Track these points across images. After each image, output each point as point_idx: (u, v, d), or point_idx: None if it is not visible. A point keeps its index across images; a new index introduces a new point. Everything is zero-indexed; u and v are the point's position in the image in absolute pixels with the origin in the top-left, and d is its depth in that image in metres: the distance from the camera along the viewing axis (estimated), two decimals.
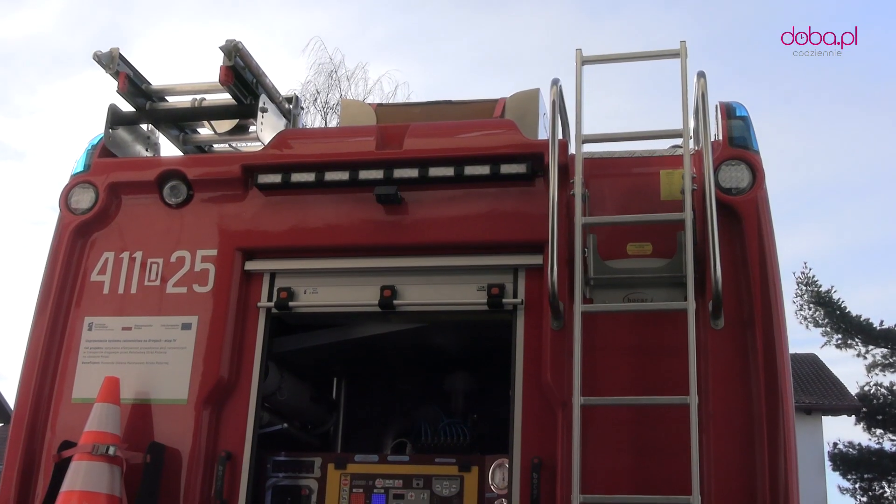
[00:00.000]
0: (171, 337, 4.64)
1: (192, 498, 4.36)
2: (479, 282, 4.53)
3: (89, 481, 4.19)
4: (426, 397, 5.69)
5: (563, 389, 4.10)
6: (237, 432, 4.46)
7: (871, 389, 30.61)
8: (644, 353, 4.19)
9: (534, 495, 4.06)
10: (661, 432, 4.05)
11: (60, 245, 4.90)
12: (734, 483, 3.93)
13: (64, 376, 4.73)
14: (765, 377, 4.02)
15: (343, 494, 4.63)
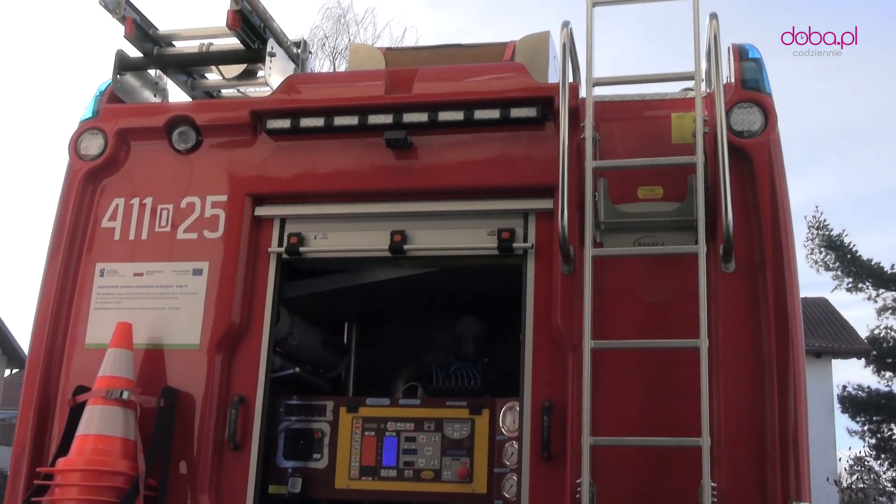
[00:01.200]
0: (182, 283, 4.66)
1: (205, 441, 4.41)
2: (489, 226, 4.52)
3: (104, 425, 4.25)
4: (437, 342, 5.72)
5: (574, 333, 4.11)
6: (249, 377, 4.50)
7: (881, 333, 30.63)
8: (654, 297, 4.19)
9: (544, 437, 4.09)
10: (671, 375, 4.07)
11: (70, 191, 4.90)
12: (743, 425, 3.95)
13: (77, 322, 4.76)
14: (775, 320, 4.02)
15: (355, 437, 4.67)
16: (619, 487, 3.97)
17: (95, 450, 4.19)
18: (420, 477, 4.56)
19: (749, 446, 3.93)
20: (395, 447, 4.61)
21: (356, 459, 4.64)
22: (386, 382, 5.58)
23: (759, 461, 3.90)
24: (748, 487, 3.88)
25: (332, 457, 4.68)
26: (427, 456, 4.58)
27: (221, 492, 4.38)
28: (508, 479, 4.42)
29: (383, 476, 4.60)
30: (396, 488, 4.58)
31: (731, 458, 3.91)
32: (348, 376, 5.97)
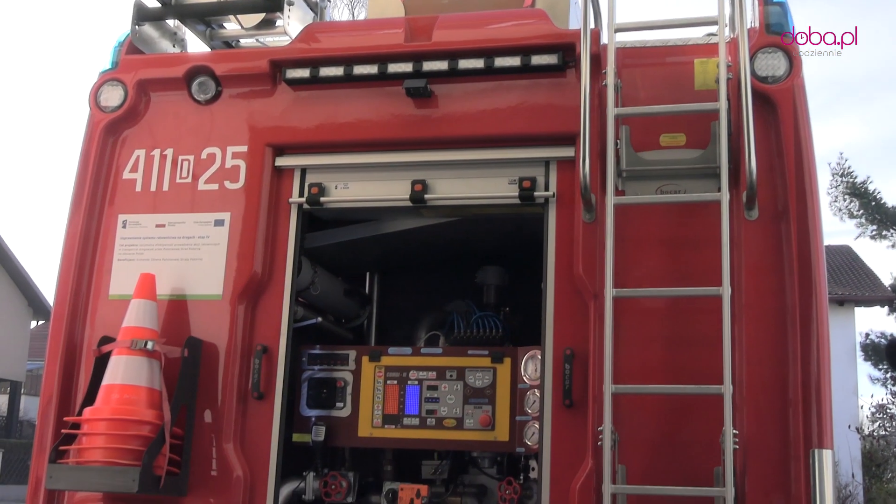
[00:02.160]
0: (204, 233, 4.67)
1: (229, 390, 4.45)
2: (510, 175, 4.50)
3: (129, 375, 4.29)
4: (458, 291, 5.73)
5: (595, 281, 4.10)
6: (272, 326, 4.52)
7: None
8: (677, 245, 4.17)
9: (566, 386, 4.11)
10: (693, 323, 4.06)
11: (91, 143, 4.91)
12: (766, 373, 3.95)
13: (100, 274, 4.79)
14: (798, 268, 4.00)
15: (378, 386, 4.71)
16: (640, 435, 3.99)
17: (121, 399, 4.24)
18: (442, 425, 4.59)
19: (771, 393, 3.93)
20: (417, 396, 4.65)
21: (379, 408, 4.69)
22: (408, 332, 5.60)
23: (782, 408, 3.90)
24: (770, 434, 3.89)
25: (354, 405, 4.72)
26: (449, 404, 4.61)
27: (246, 440, 4.43)
28: (530, 427, 4.45)
29: (406, 424, 4.64)
30: (419, 436, 4.63)
31: (753, 405, 3.91)
32: (370, 326, 6.00)
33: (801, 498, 3.77)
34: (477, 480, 4.92)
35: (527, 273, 5.34)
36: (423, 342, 5.42)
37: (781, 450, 3.86)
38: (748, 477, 3.85)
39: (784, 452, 3.86)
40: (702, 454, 3.88)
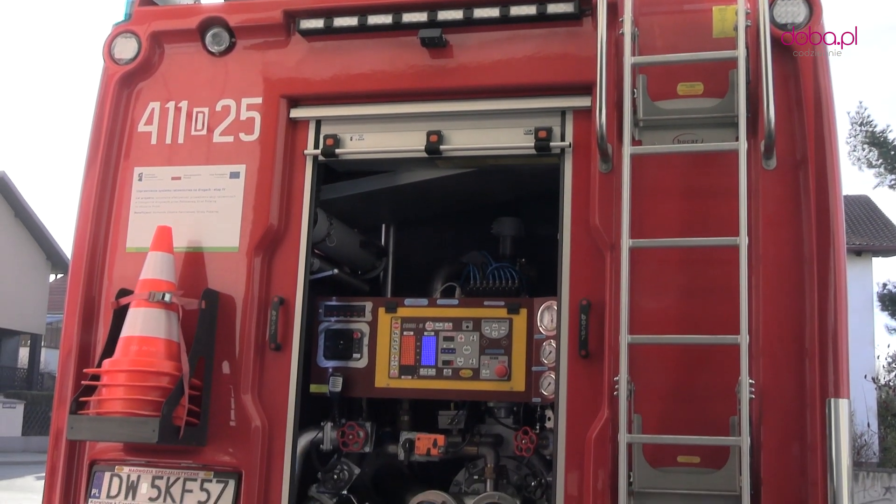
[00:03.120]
0: (219, 186, 4.68)
1: (247, 342, 4.48)
2: (526, 125, 4.47)
3: (147, 327, 4.32)
4: (474, 242, 5.73)
5: (612, 232, 4.09)
6: (289, 278, 4.54)
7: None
8: (694, 196, 4.15)
9: (582, 336, 4.11)
10: (709, 274, 4.06)
11: (106, 96, 4.90)
12: (783, 323, 3.95)
13: (117, 226, 4.81)
14: (816, 218, 3.98)
15: (394, 337, 4.73)
16: (656, 385, 4.00)
17: (140, 351, 4.27)
18: (459, 375, 4.62)
19: (788, 343, 3.93)
20: (433, 347, 4.67)
21: (395, 359, 4.71)
22: (424, 283, 5.61)
23: (798, 358, 3.90)
24: (786, 384, 3.89)
25: (371, 356, 4.75)
26: (465, 355, 4.63)
27: (264, 391, 4.46)
28: (546, 377, 4.47)
29: (422, 375, 4.67)
30: (435, 386, 4.66)
31: (770, 355, 3.91)
32: (386, 277, 6.01)
33: (816, 447, 3.79)
34: (493, 430, 4.96)
35: (543, 224, 5.33)
36: (439, 293, 5.43)
37: (797, 399, 3.87)
38: (764, 426, 3.86)
39: (800, 402, 3.87)
40: (718, 404, 3.89)
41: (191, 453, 4.42)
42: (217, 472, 4.41)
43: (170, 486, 4.44)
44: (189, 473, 4.44)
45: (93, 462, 4.58)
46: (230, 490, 4.36)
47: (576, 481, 4.05)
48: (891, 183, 30.23)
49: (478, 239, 5.76)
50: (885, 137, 29.78)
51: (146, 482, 4.47)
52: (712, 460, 3.85)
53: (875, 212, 34.00)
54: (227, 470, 4.40)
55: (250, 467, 4.36)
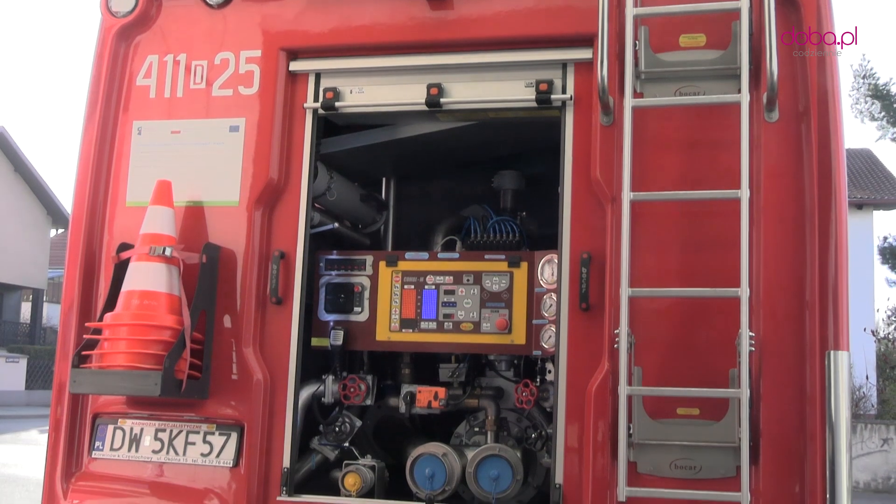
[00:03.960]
0: (219, 140, 4.66)
1: (248, 296, 4.48)
2: (526, 78, 4.45)
3: (148, 281, 4.33)
4: (475, 196, 5.72)
5: (613, 185, 4.09)
6: (289, 232, 4.53)
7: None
8: (695, 148, 4.14)
9: (582, 289, 4.12)
10: (710, 227, 4.05)
11: (104, 50, 4.87)
12: (783, 276, 3.95)
13: (117, 181, 4.80)
14: (818, 171, 3.96)
15: (395, 291, 4.74)
16: (656, 337, 4.01)
17: (141, 305, 4.28)
18: (460, 329, 4.63)
19: (788, 296, 3.93)
20: (434, 300, 4.67)
21: (396, 312, 4.72)
22: (424, 237, 5.61)
23: (798, 311, 3.91)
24: (786, 336, 3.91)
25: (372, 310, 4.75)
26: (466, 308, 4.64)
27: (265, 345, 4.48)
28: (547, 331, 4.48)
29: (423, 328, 4.68)
30: (436, 340, 4.67)
31: (770, 307, 3.92)
32: (387, 231, 6.01)
33: (815, 399, 3.81)
34: (494, 383, 4.98)
35: (544, 177, 5.32)
36: (439, 247, 5.43)
37: (797, 352, 3.88)
38: (763, 379, 3.88)
39: (800, 354, 3.88)
40: (717, 356, 3.91)
41: (193, 406, 4.45)
42: (219, 425, 4.45)
43: (172, 439, 4.48)
44: (192, 426, 4.47)
45: (96, 415, 4.62)
46: (232, 442, 4.39)
47: (576, 433, 4.08)
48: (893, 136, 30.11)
49: (478, 192, 5.75)
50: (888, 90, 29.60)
51: (149, 435, 4.51)
52: (712, 412, 3.88)
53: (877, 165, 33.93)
54: (229, 423, 4.43)
55: (252, 420, 4.39)
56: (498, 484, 4.37)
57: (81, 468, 4.60)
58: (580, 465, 4.04)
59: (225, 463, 4.39)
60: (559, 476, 4.09)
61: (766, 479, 3.83)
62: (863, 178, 32.17)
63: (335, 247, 5.20)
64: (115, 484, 4.52)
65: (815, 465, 3.77)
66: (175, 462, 4.46)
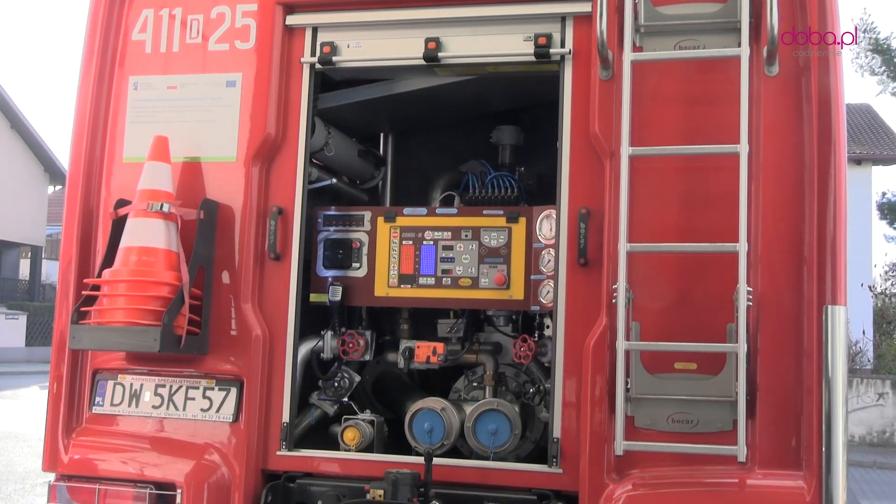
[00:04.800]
0: (216, 95, 4.63)
1: (246, 251, 4.48)
2: (525, 32, 4.41)
3: (146, 237, 4.32)
4: (473, 151, 5.69)
5: (611, 140, 4.07)
6: (287, 188, 4.52)
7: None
8: (695, 103, 4.11)
9: (581, 245, 4.12)
10: (709, 182, 4.04)
11: (99, 4, 4.82)
12: (782, 231, 3.94)
13: (114, 137, 4.78)
14: (818, 126, 3.94)
15: (393, 246, 4.73)
16: (654, 293, 4.02)
17: (140, 261, 4.28)
18: (458, 284, 4.63)
19: (786, 251, 3.93)
20: (432, 255, 4.67)
21: (395, 268, 4.72)
22: (423, 192, 5.60)
23: (796, 266, 3.91)
24: (784, 291, 3.91)
25: (370, 266, 4.75)
26: (464, 264, 4.64)
27: (264, 301, 4.49)
28: (545, 286, 4.48)
29: (421, 284, 4.68)
30: (435, 295, 4.67)
31: (768, 262, 3.92)
32: (385, 187, 5.99)
33: (812, 353, 3.82)
34: (492, 338, 5.00)
35: (542, 132, 5.30)
36: (438, 202, 5.42)
37: (795, 306, 3.89)
38: (761, 333, 3.89)
39: (797, 309, 3.89)
40: (715, 311, 3.92)
41: (192, 362, 4.46)
42: (219, 381, 4.46)
43: (172, 394, 4.50)
44: (191, 382, 4.49)
45: (96, 371, 4.63)
46: (232, 398, 4.41)
47: (574, 388, 4.10)
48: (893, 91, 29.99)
49: (477, 148, 5.73)
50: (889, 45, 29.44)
51: (149, 390, 4.53)
52: (709, 367, 3.90)
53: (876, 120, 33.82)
54: (228, 378, 4.45)
55: (252, 375, 4.41)
56: (496, 438, 4.40)
57: (82, 423, 4.63)
58: (578, 419, 4.06)
59: (225, 418, 4.41)
60: (557, 430, 4.11)
61: (763, 432, 3.86)
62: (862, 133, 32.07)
63: (333, 202, 5.19)
64: (115, 439, 4.55)
65: (811, 419, 3.79)
66: (175, 417, 4.48)
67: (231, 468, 4.35)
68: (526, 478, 4.17)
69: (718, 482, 3.87)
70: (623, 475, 3.96)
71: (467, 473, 4.23)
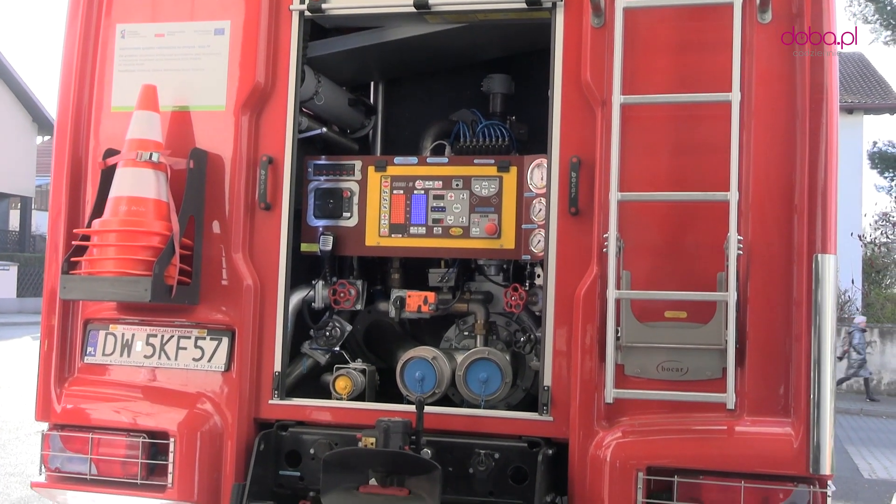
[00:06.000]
0: (204, 43, 4.58)
1: (236, 202, 4.46)
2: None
3: (136, 186, 4.30)
4: (464, 100, 5.66)
5: (603, 88, 4.05)
6: (277, 137, 4.49)
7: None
8: (687, 51, 4.08)
9: (572, 194, 4.11)
10: (700, 130, 4.03)
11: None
12: (772, 180, 3.94)
13: (101, 86, 4.73)
14: (810, 74, 3.93)
15: (384, 196, 4.72)
16: (645, 242, 4.02)
17: (129, 211, 4.26)
18: (449, 233, 4.63)
19: (777, 200, 3.93)
20: (423, 205, 4.66)
21: (385, 217, 4.71)
22: (413, 141, 5.57)
23: (787, 214, 3.91)
24: (774, 240, 3.91)
25: (361, 215, 4.74)
26: (455, 213, 4.63)
27: (254, 250, 4.48)
28: (536, 235, 4.48)
29: (412, 233, 4.67)
30: (425, 244, 4.66)
31: (759, 211, 3.92)
32: (375, 136, 5.96)
33: (802, 302, 3.84)
34: (483, 287, 5.00)
35: (533, 81, 5.27)
36: (428, 152, 5.40)
37: (785, 255, 3.90)
38: (751, 281, 3.90)
39: (787, 258, 3.90)
40: (706, 260, 3.93)
41: (184, 312, 4.46)
42: (210, 330, 4.47)
43: (164, 344, 4.51)
44: (183, 331, 4.50)
45: (87, 321, 4.64)
46: (224, 347, 4.42)
47: (564, 336, 4.11)
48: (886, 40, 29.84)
49: (468, 96, 5.69)
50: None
51: (140, 340, 4.54)
52: (699, 315, 3.91)
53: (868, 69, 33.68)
54: (220, 328, 4.46)
55: (243, 325, 4.41)
56: (487, 386, 4.43)
57: (74, 373, 4.64)
58: (568, 367, 4.09)
59: (216, 367, 4.43)
60: (547, 378, 4.14)
61: (752, 380, 3.88)
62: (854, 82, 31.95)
63: (323, 152, 5.16)
64: (108, 389, 4.56)
65: (799, 366, 3.82)
66: (167, 367, 4.50)
67: (223, 417, 4.38)
68: (516, 425, 4.20)
69: (707, 429, 3.91)
70: (613, 422, 3.99)
71: (458, 421, 4.26)
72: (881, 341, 21.18)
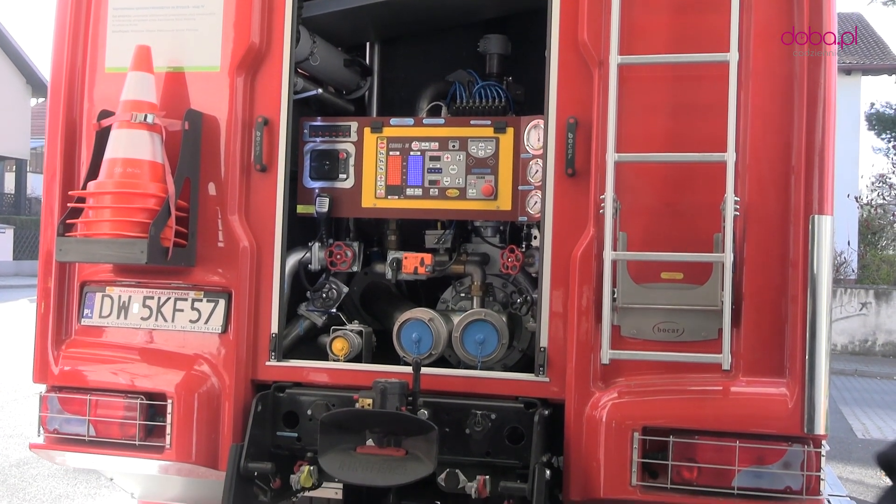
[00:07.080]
0: (198, 3, 4.53)
1: (232, 162, 4.44)
2: None
3: (131, 148, 4.27)
4: (461, 60, 5.62)
5: (600, 48, 4.02)
6: (272, 98, 4.46)
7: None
8: (685, 10, 4.05)
9: (569, 155, 4.10)
10: (698, 91, 4.01)
11: None
12: (770, 140, 3.93)
13: (95, 46, 4.69)
14: (808, 33, 3.90)
15: (380, 157, 4.70)
16: (641, 203, 4.01)
17: (125, 172, 4.24)
18: (445, 195, 4.62)
19: (774, 161, 3.92)
20: (420, 166, 4.64)
21: (381, 179, 4.69)
22: (409, 102, 5.54)
23: (784, 175, 3.90)
24: (771, 201, 3.91)
25: (357, 177, 4.73)
26: (452, 174, 4.62)
27: (251, 212, 4.46)
28: (532, 196, 4.47)
29: (409, 195, 4.66)
30: (422, 206, 4.65)
31: (756, 172, 3.91)
32: (371, 97, 5.93)
33: (798, 263, 3.84)
34: (479, 249, 5.00)
35: (530, 41, 5.23)
36: (425, 113, 5.37)
37: (781, 216, 3.89)
38: (747, 243, 3.90)
39: (784, 218, 3.89)
40: (702, 221, 3.92)
41: (180, 274, 4.46)
42: (207, 292, 4.47)
43: (161, 306, 4.51)
44: (179, 293, 4.49)
45: (84, 283, 4.63)
46: (220, 309, 4.43)
47: (561, 298, 4.12)
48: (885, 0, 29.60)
49: (464, 57, 5.65)
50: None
51: (137, 302, 4.54)
52: (695, 276, 3.92)
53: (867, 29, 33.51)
54: (216, 290, 4.46)
55: (240, 287, 4.41)
56: (483, 348, 4.44)
57: (71, 336, 4.64)
58: (565, 329, 4.09)
59: (213, 329, 4.43)
60: (544, 339, 4.15)
61: (747, 341, 3.90)
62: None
63: (319, 113, 5.14)
64: (105, 350, 4.57)
65: (795, 327, 3.83)
66: (164, 329, 4.50)
67: (221, 378, 4.39)
68: (513, 386, 4.21)
69: (703, 389, 3.92)
70: (609, 383, 4.00)
71: (455, 382, 4.27)
72: (876, 303, 21.23)
